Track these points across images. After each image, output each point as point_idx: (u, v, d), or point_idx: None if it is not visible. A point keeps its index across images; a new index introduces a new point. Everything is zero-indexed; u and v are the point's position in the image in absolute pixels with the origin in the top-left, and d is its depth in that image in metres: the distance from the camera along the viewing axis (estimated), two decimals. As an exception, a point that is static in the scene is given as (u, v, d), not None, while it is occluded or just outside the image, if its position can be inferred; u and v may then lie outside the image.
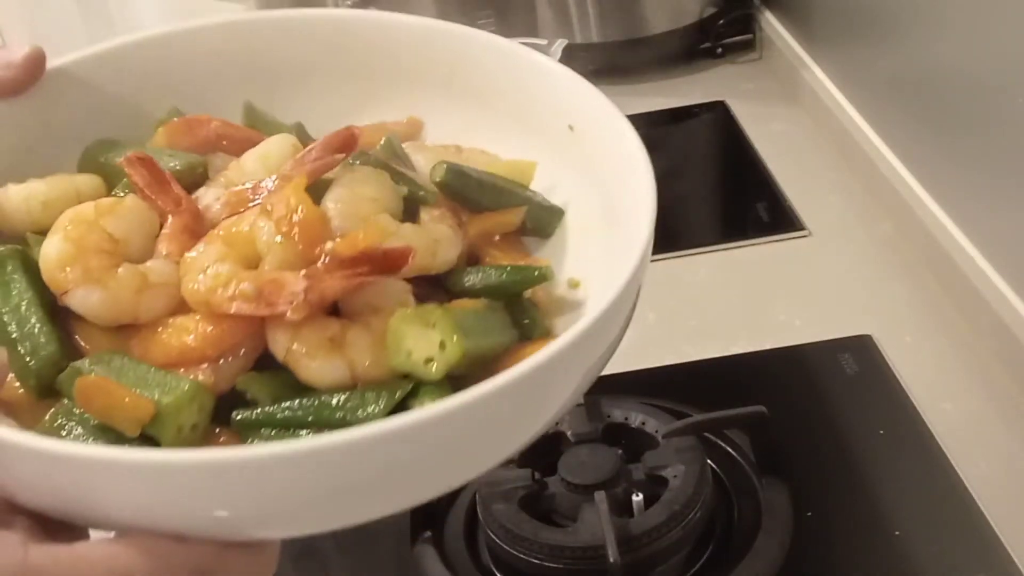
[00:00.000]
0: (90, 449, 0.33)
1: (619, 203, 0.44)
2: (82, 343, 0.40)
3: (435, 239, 0.43)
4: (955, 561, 0.67)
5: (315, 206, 0.40)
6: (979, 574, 0.66)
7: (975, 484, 0.71)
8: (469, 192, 0.46)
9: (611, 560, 0.63)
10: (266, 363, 0.40)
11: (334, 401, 0.38)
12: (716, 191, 1.21)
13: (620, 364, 0.86)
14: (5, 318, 0.40)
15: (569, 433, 0.73)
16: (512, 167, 0.49)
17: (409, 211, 0.44)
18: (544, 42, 1.21)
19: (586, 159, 0.46)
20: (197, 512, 0.34)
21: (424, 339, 0.39)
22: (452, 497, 0.75)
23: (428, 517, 0.73)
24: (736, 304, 0.94)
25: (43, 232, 0.42)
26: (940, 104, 0.93)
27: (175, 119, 0.48)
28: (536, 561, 0.66)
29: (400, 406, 0.38)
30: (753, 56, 1.37)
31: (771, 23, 1.34)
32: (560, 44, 1.19)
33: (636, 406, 0.75)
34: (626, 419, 0.74)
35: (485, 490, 0.69)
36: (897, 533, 0.69)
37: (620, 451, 0.70)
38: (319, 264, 0.39)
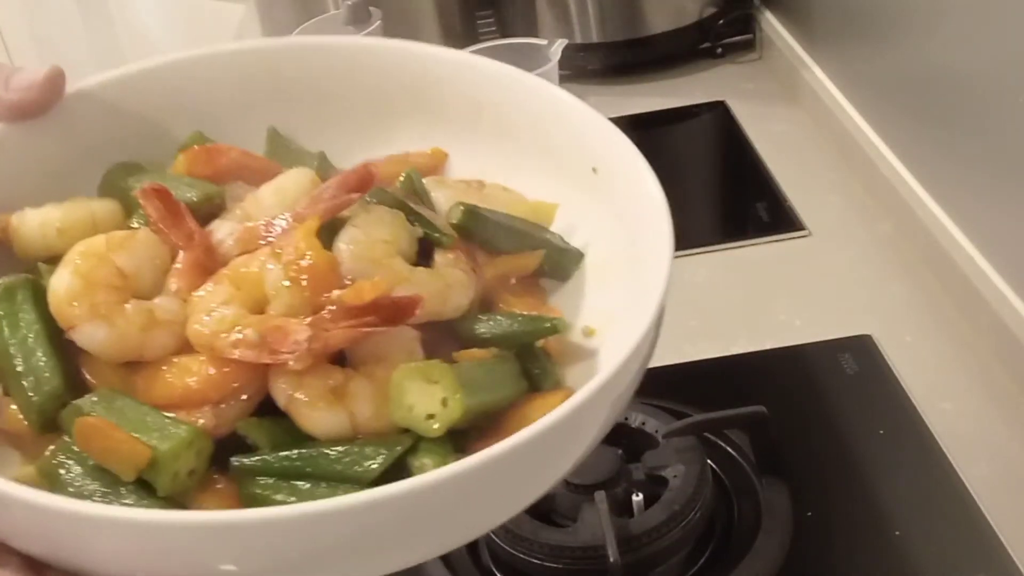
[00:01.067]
0: (77, 505, 0.33)
1: (638, 250, 0.43)
2: (88, 377, 0.40)
3: (447, 284, 0.42)
4: (955, 561, 0.67)
5: (325, 251, 0.40)
6: (979, 574, 0.66)
7: (975, 484, 0.71)
8: (486, 234, 0.46)
9: (611, 560, 0.63)
10: (268, 408, 0.39)
11: (332, 454, 0.38)
12: (716, 191, 1.21)
13: (620, 364, 0.87)
14: (11, 350, 0.40)
15: (569, 433, 0.73)
16: (533, 208, 0.48)
17: (424, 251, 0.44)
18: (544, 42, 1.21)
19: (608, 202, 0.46)
20: (182, 569, 0.34)
21: (426, 395, 0.38)
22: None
23: (428, 517, 0.73)
24: (736, 304, 0.94)
25: (58, 258, 0.41)
26: (940, 104, 0.93)
27: (195, 147, 0.48)
28: (536, 561, 0.66)
29: (400, 461, 0.38)
30: (753, 56, 1.37)
31: (771, 23, 1.34)
32: (560, 44, 1.19)
33: (636, 406, 0.75)
34: (626, 419, 0.74)
35: (485, 490, 0.69)
36: (897, 533, 0.69)
37: (620, 451, 0.70)
38: (325, 312, 0.38)
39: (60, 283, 0.40)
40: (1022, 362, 0.80)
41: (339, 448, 0.38)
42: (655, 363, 0.95)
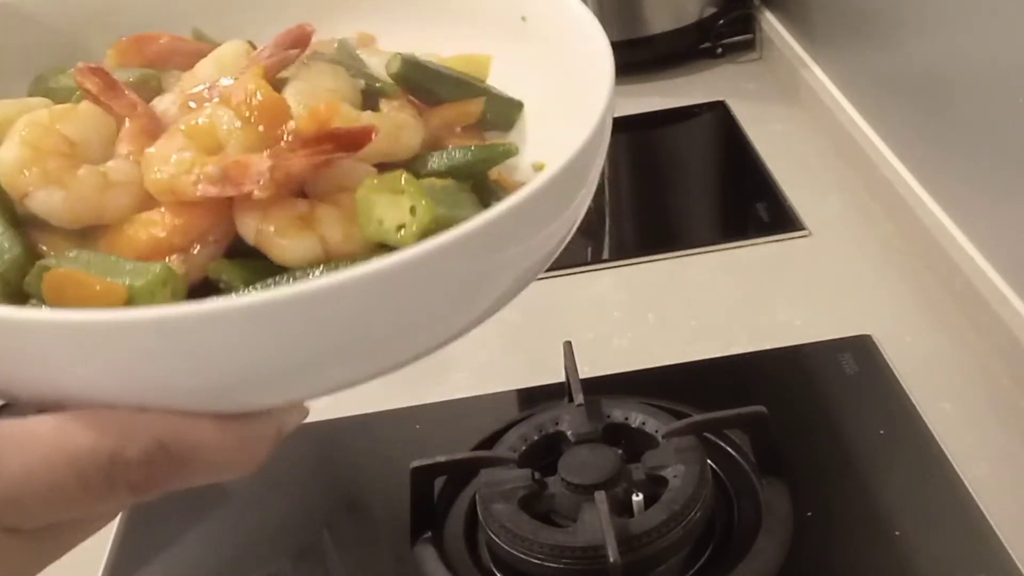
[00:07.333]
0: (45, 314, 0.31)
1: (578, 86, 0.43)
2: (46, 251, 0.39)
3: (397, 125, 0.43)
4: (955, 561, 0.67)
5: (274, 91, 0.40)
6: (979, 574, 0.66)
7: (975, 484, 0.71)
8: (427, 83, 0.46)
9: (611, 560, 0.63)
10: (238, 253, 0.39)
11: (309, 276, 0.37)
12: (716, 191, 1.21)
13: (620, 364, 0.87)
14: None
15: (569, 433, 0.73)
16: (466, 61, 0.48)
17: (368, 105, 0.44)
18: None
19: (543, 47, 0.46)
20: (158, 375, 0.31)
21: (394, 206, 0.38)
22: (452, 497, 0.75)
23: (428, 517, 0.73)
24: (736, 304, 0.94)
25: None
26: (940, 104, 0.93)
27: (123, 38, 0.47)
28: (536, 561, 0.66)
29: None
30: (753, 56, 1.37)
31: (771, 23, 1.34)
32: (560, 44, 1.19)
33: (636, 406, 0.75)
34: (626, 419, 0.74)
35: (485, 490, 0.69)
36: (897, 533, 0.69)
37: (620, 451, 0.70)
38: (283, 144, 0.38)
39: (8, 154, 0.39)
40: (1022, 362, 0.80)
41: (314, 270, 0.38)
42: (655, 363, 0.95)
